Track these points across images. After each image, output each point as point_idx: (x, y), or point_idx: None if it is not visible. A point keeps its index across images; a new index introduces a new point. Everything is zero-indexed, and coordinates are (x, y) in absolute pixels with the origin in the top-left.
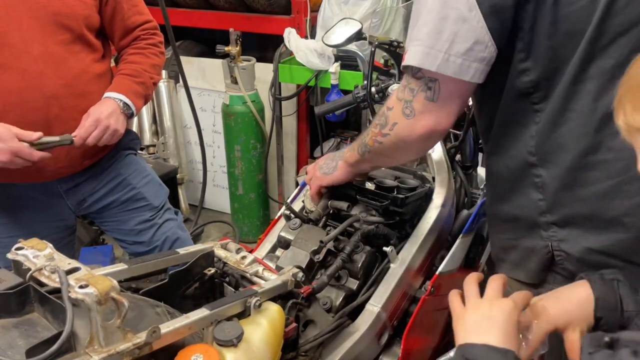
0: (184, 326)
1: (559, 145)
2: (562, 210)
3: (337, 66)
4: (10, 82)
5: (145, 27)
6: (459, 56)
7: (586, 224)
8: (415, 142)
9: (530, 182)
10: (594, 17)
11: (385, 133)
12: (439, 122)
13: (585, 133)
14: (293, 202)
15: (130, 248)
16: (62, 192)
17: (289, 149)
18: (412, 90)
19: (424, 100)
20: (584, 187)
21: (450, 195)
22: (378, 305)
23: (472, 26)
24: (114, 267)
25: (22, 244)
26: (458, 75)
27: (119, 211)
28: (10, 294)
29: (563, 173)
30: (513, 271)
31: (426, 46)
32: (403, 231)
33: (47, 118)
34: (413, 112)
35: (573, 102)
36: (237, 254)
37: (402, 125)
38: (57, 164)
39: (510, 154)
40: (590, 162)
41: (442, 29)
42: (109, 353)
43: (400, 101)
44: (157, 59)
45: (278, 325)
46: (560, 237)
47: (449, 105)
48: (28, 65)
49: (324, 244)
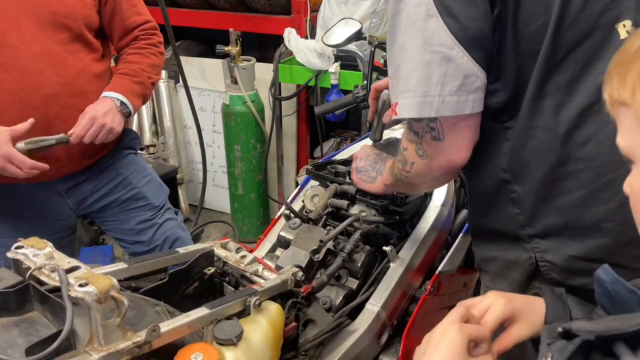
0: (184, 325)
1: (529, 162)
2: (541, 222)
3: (337, 66)
4: (10, 81)
5: (145, 27)
6: (453, 94)
7: (565, 233)
8: (438, 178)
9: (507, 198)
10: (546, 37)
11: (407, 170)
12: (452, 159)
13: (552, 148)
14: (293, 202)
15: (130, 248)
16: (63, 192)
17: (289, 149)
18: (417, 133)
19: (430, 141)
20: (559, 199)
21: (450, 195)
22: (378, 304)
23: (458, 63)
24: (113, 266)
25: (22, 242)
26: (457, 112)
27: (119, 210)
28: (10, 293)
29: (536, 187)
30: (494, 282)
31: (419, 95)
32: (403, 231)
33: (47, 117)
34: (425, 154)
35: (536, 119)
36: (236, 253)
37: (419, 165)
38: (58, 162)
39: (486, 171)
40: (561, 174)
41: (429, 74)
42: (109, 352)
43: (411, 143)
44: (156, 59)
45: (278, 325)
46: (543, 248)
47: (457, 140)
48: (27, 64)
49: (324, 243)
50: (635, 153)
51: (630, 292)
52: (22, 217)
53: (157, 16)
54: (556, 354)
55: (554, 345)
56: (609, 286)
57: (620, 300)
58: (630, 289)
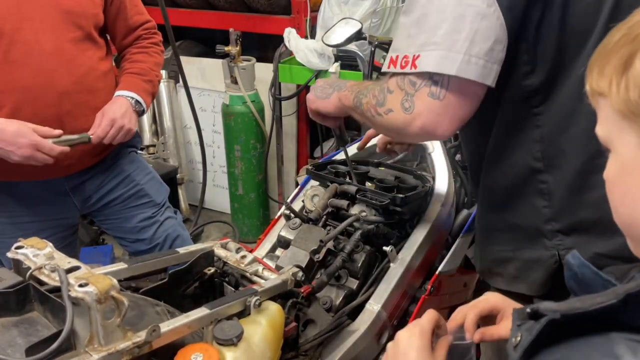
0: (184, 325)
1: (566, 149)
2: (569, 217)
3: (337, 66)
4: (24, 78)
5: (146, 26)
6: (481, 57)
7: (594, 229)
8: (407, 137)
9: (534, 189)
10: (601, 15)
11: (379, 112)
12: (439, 126)
13: (594, 136)
14: (293, 202)
15: (131, 246)
16: (69, 190)
17: (289, 149)
18: (413, 83)
19: (427, 97)
20: (592, 192)
21: (450, 195)
22: (378, 304)
23: (492, 23)
24: (113, 266)
25: (22, 242)
26: (481, 78)
27: (121, 208)
28: (10, 293)
29: (570, 178)
30: (511, 285)
31: (443, 49)
32: (403, 231)
33: (59, 114)
34: (412, 108)
35: (580, 104)
36: (237, 253)
37: (398, 117)
38: (68, 160)
39: (510, 161)
40: (597, 165)
41: (459, 28)
42: (109, 352)
43: (401, 90)
44: (160, 58)
45: (278, 325)
46: (568, 245)
47: (456, 107)
48: (41, 62)
49: (324, 243)
50: (611, 141)
51: (595, 275)
52: (26, 216)
53: (157, 16)
54: (525, 333)
55: (523, 326)
56: (577, 269)
57: (587, 282)
58: (594, 271)
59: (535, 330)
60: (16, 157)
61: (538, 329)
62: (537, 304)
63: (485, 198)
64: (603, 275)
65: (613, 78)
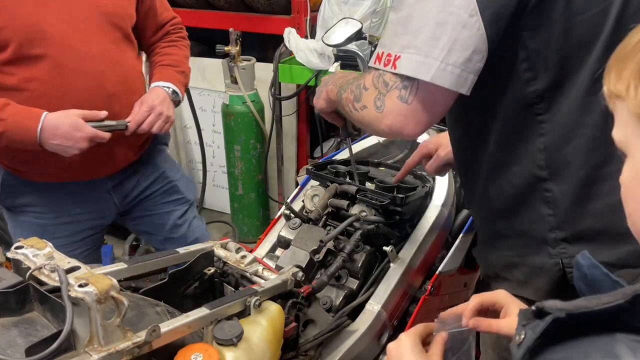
0: (184, 325)
1: (570, 160)
2: (573, 226)
3: (337, 66)
4: (76, 82)
5: (174, 22)
6: (457, 66)
7: (599, 238)
8: (378, 133)
9: (539, 197)
10: (606, 26)
11: (356, 108)
12: (405, 126)
13: (598, 146)
14: (293, 202)
15: (161, 245)
16: (110, 189)
17: (289, 149)
18: (386, 84)
19: (396, 99)
20: (596, 201)
21: (450, 195)
22: (378, 305)
23: (472, 33)
24: (113, 266)
25: (22, 242)
26: (455, 87)
27: (156, 203)
28: (10, 293)
29: (575, 187)
30: (519, 289)
31: (422, 54)
32: (403, 231)
33: (109, 116)
34: (383, 107)
35: (586, 115)
36: (237, 253)
37: (371, 114)
38: (115, 157)
39: (514, 170)
40: (602, 175)
41: (439, 35)
42: (109, 352)
43: (375, 89)
44: (188, 51)
45: (278, 325)
46: (572, 254)
47: (423, 112)
48: (89, 65)
49: (324, 243)
50: (627, 146)
51: (605, 276)
52: (68, 216)
53: None
54: (529, 332)
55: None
56: (586, 270)
57: (596, 284)
58: (604, 272)
59: (539, 328)
60: (75, 150)
61: (542, 327)
62: (542, 302)
63: (489, 205)
64: (613, 277)
65: (631, 81)
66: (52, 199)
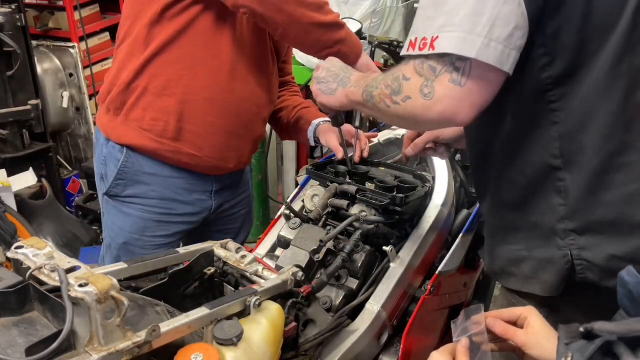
0: (184, 325)
1: (585, 147)
2: (584, 216)
3: None
4: (263, 97)
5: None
6: (500, 42)
7: (610, 230)
8: (426, 124)
9: (552, 187)
10: (627, 10)
11: (395, 101)
12: (460, 111)
13: (614, 133)
14: (293, 202)
15: None
16: (213, 192)
17: (289, 149)
18: (434, 69)
19: (448, 83)
20: (609, 191)
21: (450, 195)
22: (378, 304)
23: (513, 9)
24: (113, 267)
25: (22, 242)
26: (499, 64)
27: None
28: (10, 293)
29: (588, 176)
30: (526, 285)
31: (462, 31)
32: (403, 231)
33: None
34: (432, 94)
35: (602, 101)
36: (237, 253)
37: (417, 103)
38: (240, 153)
39: (527, 159)
40: (616, 164)
41: (480, 11)
42: (109, 352)
43: (420, 76)
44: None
45: (278, 325)
46: (581, 245)
47: (477, 94)
48: (273, 83)
49: (324, 243)
50: None
51: None
52: (167, 215)
53: None
54: (576, 354)
55: (572, 345)
56: (632, 288)
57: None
58: None
59: (589, 352)
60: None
61: (592, 350)
62: (592, 324)
63: (500, 197)
64: None
65: None
66: (163, 193)
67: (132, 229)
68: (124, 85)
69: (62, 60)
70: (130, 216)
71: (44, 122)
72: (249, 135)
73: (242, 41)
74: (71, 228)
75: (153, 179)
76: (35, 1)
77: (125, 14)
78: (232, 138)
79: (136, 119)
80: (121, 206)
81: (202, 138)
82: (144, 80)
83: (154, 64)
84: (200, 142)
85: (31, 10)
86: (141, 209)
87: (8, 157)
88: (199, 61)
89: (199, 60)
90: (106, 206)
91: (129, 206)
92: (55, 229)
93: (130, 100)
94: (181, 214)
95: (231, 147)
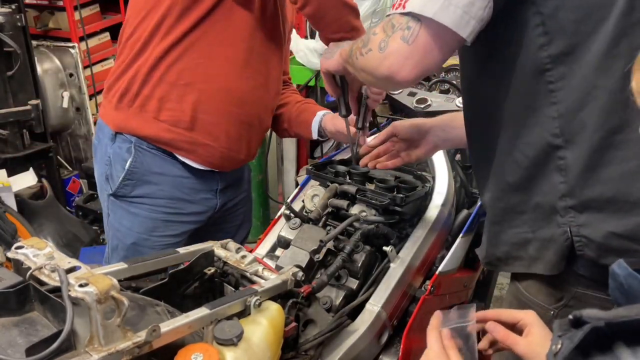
0: (184, 325)
1: (585, 125)
2: (583, 193)
3: None
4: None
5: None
6: (459, 7)
7: (609, 207)
8: (378, 79)
9: (553, 166)
10: None
11: (362, 52)
12: (402, 68)
13: (614, 110)
14: (293, 202)
15: None
16: (218, 191)
17: (289, 149)
18: (393, 26)
19: (399, 39)
20: (609, 168)
21: (450, 195)
22: (378, 304)
23: None
24: (113, 267)
25: (22, 242)
26: (456, 27)
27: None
28: (10, 293)
29: (588, 153)
30: (532, 266)
31: None
32: (403, 231)
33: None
34: (385, 48)
35: (602, 79)
36: (237, 253)
37: (372, 56)
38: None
39: (528, 140)
40: (615, 141)
41: None
42: (109, 352)
43: (383, 32)
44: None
45: (278, 325)
46: (580, 222)
47: (422, 54)
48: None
49: (324, 243)
50: None
51: None
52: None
53: None
54: (566, 342)
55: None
56: (622, 280)
57: (634, 294)
58: None
59: (577, 338)
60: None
61: (580, 336)
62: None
63: (504, 181)
64: None
65: None
66: (171, 192)
67: (141, 229)
68: (142, 76)
69: (62, 60)
70: (138, 216)
71: (44, 122)
72: (260, 125)
73: (258, 30)
74: (71, 228)
75: (161, 179)
76: (35, 1)
77: (139, 6)
78: (244, 128)
79: (152, 110)
80: (129, 206)
81: (217, 127)
82: (160, 71)
83: (172, 54)
84: (215, 131)
85: (31, 10)
86: (150, 208)
87: (8, 157)
88: (215, 50)
89: (215, 48)
90: (112, 207)
91: (137, 206)
92: (55, 229)
93: (144, 91)
94: (188, 213)
95: (243, 138)
